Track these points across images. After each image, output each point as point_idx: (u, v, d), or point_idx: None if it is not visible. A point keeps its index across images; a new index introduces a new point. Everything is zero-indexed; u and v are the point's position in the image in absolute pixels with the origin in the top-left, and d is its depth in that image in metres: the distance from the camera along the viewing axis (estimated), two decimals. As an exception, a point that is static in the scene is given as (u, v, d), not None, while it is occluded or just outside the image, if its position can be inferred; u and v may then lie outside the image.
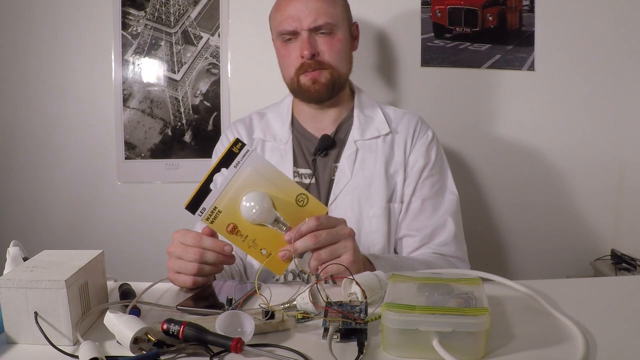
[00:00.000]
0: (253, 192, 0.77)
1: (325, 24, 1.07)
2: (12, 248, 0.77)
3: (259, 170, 0.77)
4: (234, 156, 0.77)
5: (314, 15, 1.06)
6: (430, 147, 1.15)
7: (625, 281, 1.06)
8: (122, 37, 1.58)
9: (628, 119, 1.65)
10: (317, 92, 1.10)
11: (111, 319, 0.62)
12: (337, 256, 0.81)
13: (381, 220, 1.09)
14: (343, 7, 1.13)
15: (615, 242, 1.69)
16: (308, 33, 1.07)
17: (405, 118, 1.18)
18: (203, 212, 0.77)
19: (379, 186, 1.10)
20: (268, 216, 0.77)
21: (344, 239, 0.81)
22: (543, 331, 0.66)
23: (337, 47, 1.10)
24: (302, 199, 0.79)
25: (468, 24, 1.60)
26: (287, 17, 1.07)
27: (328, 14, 1.07)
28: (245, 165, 0.77)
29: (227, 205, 0.77)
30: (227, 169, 0.77)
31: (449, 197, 1.13)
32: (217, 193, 0.77)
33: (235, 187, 0.77)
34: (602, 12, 1.61)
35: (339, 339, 0.62)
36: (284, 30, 1.08)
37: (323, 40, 1.08)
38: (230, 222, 0.77)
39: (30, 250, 0.78)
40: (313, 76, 1.08)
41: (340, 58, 1.11)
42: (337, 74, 1.10)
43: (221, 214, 0.77)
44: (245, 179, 0.77)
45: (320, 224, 0.79)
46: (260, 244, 0.78)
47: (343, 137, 1.15)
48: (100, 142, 1.62)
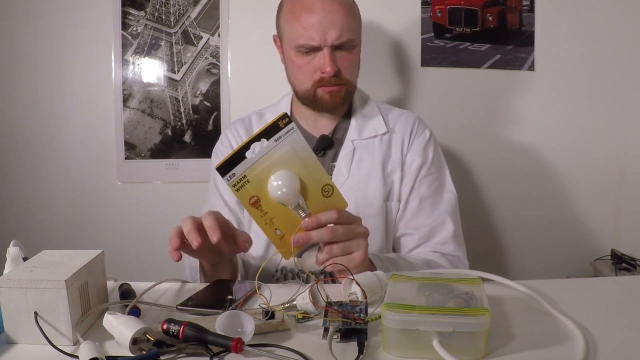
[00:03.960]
0: (284, 171, 0.76)
1: (348, 41, 1.05)
2: (12, 248, 0.77)
3: (297, 151, 0.76)
4: (277, 130, 0.75)
5: (339, 31, 1.03)
6: (427, 146, 1.14)
7: (625, 281, 1.06)
8: (122, 37, 1.58)
9: (628, 119, 1.65)
10: (333, 105, 1.10)
11: (110, 320, 0.62)
12: (349, 253, 0.81)
13: (378, 219, 1.09)
14: (359, 16, 1.11)
15: (615, 242, 1.69)
16: (330, 49, 1.04)
17: (403, 117, 1.18)
18: (232, 177, 0.75)
19: (376, 185, 1.10)
20: (293, 198, 0.76)
21: (358, 237, 0.81)
22: (543, 331, 0.66)
23: (355, 62, 1.10)
24: (327, 190, 0.78)
25: (468, 24, 1.60)
26: (309, 29, 1.03)
27: (350, 29, 1.05)
28: (286, 142, 0.75)
29: (256, 177, 0.76)
30: (267, 141, 0.76)
31: (447, 196, 1.13)
32: (251, 162, 0.75)
33: (269, 161, 0.75)
34: (602, 12, 1.61)
35: (339, 339, 0.62)
36: (304, 45, 1.04)
37: (343, 56, 1.06)
38: (255, 194, 0.76)
39: (30, 250, 0.78)
40: (332, 91, 1.07)
41: (355, 72, 1.12)
42: (352, 88, 1.12)
43: (249, 184, 0.76)
44: (282, 155, 0.76)
45: (340, 218, 0.79)
46: (276, 223, 0.77)
47: (340, 137, 1.15)
48: (100, 142, 1.62)
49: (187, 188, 1.60)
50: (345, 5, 1.05)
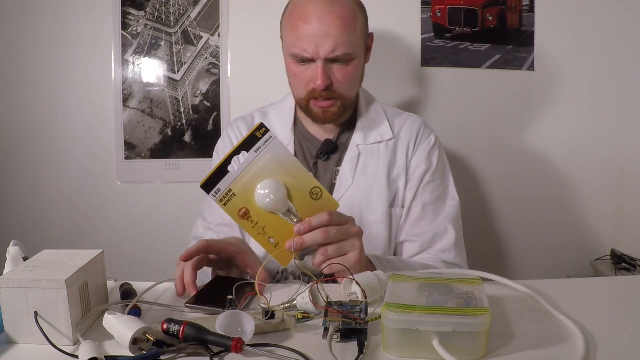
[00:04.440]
0: (269, 179, 0.76)
1: (343, 55, 1.00)
2: (12, 248, 0.77)
3: (279, 158, 0.77)
4: (255, 140, 0.76)
5: (332, 45, 0.98)
6: (432, 152, 1.13)
7: (625, 281, 1.06)
8: (122, 37, 1.58)
9: (628, 119, 1.65)
10: (325, 120, 1.08)
11: (110, 320, 0.62)
12: (344, 254, 0.81)
13: (382, 226, 1.08)
14: (362, 27, 1.05)
15: (615, 242, 1.69)
16: (324, 62, 1.00)
17: (409, 122, 1.16)
18: (217, 193, 0.76)
19: (380, 191, 1.09)
20: (281, 205, 0.77)
21: (352, 237, 0.81)
22: (543, 331, 0.66)
23: (352, 76, 1.04)
24: (316, 192, 0.79)
25: (468, 24, 1.60)
26: (302, 40, 0.99)
27: (347, 43, 0.99)
28: (266, 151, 0.76)
29: (242, 189, 0.77)
30: (247, 153, 0.76)
31: (450, 203, 1.12)
32: (234, 176, 0.76)
33: (252, 172, 0.76)
34: (602, 12, 1.61)
35: (339, 339, 0.62)
36: (297, 55, 1.01)
37: (339, 69, 1.02)
38: (243, 206, 0.77)
39: (30, 250, 0.78)
40: (324, 106, 1.05)
41: (353, 85, 1.07)
42: (348, 102, 1.07)
43: (235, 197, 0.77)
44: (264, 165, 0.76)
45: (332, 220, 0.79)
46: (269, 232, 0.78)
47: (345, 141, 1.13)
48: (100, 142, 1.62)
49: (187, 188, 1.60)
50: (343, 18, 0.99)
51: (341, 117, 1.10)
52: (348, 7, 1.01)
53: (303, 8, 1.01)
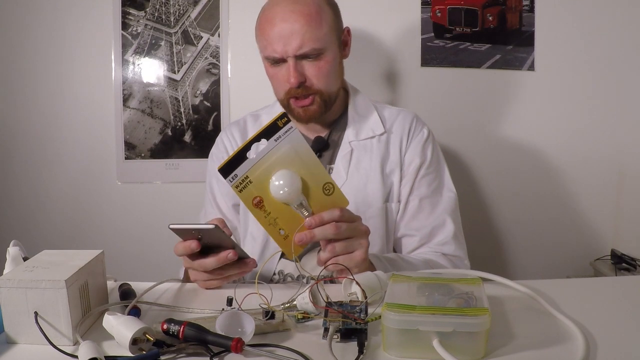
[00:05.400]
0: (286, 170, 0.76)
1: (312, 50, 1.01)
2: (12, 248, 0.77)
3: (297, 150, 0.77)
4: (276, 129, 0.76)
5: (299, 42, 1.00)
6: (426, 145, 1.13)
7: (625, 281, 1.06)
8: (122, 37, 1.58)
9: (628, 119, 1.65)
10: (308, 118, 1.08)
11: (110, 320, 0.62)
12: (351, 251, 0.81)
13: (379, 221, 1.08)
14: (331, 21, 1.05)
15: (615, 242, 1.69)
16: (294, 59, 1.02)
17: (400, 116, 1.16)
18: (234, 178, 0.76)
19: (375, 186, 1.09)
20: (295, 198, 0.77)
21: (360, 235, 0.82)
22: (543, 331, 0.66)
23: (326, 70, 1.04)
24: (328, 188, 0.79)
25: (468, 24, 1.60)
26: (271, 41, 1.02)
27: (314, 38, 1.01)
28: (285, 141, 0.76)
29: (258, 177, 0.76)
30: (267, 141, 0.76)
31: (446, 195, 1.13)
32: (252, 162, 0.76)
33: (270, 161, 0.76)
34: (602, 12, 1.61)
35: (339, 339, 0.62)
36: (269, 56, 1.04)
37: (310, 65, 1.03)
38: (257, 195, 0.77)
39: (30, 250, 0.78)
40: (303, 104, 1.05)
41: (329, 79, 1.06)
42: (327, 95, 1.07)
43: (251, 184, 0.76)
44: (282, 155, 0.76)
45: (343, 216, 0.79)
46: (280, 223, 0.78)
47: (337, 139, 1.13)
48: (100, 142, 1.62)
49: (187, 188, 1.60)
50: (307, 14, 1.00)
51: (323, 114, 1.10)
52: (312, 4, 1.02)
53: (269, 12, 1.04)
